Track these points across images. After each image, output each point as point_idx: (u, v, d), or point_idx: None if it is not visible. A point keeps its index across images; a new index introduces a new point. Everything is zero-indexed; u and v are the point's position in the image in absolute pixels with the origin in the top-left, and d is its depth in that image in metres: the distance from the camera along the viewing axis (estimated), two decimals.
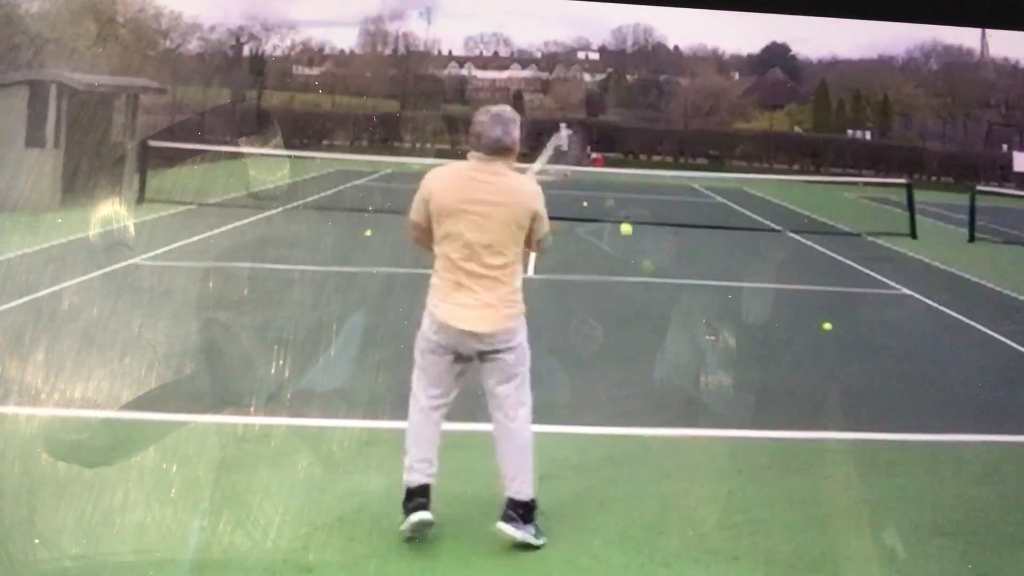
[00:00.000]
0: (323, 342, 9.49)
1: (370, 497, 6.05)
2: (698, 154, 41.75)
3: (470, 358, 5.52)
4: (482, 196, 5.44)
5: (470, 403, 5.78)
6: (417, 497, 5.50)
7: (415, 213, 5.65)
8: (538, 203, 5.50)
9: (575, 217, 19.37)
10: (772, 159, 41.76)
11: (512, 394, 5.51)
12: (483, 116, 5.57)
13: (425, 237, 5.65)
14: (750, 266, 16.62)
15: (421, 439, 5.57)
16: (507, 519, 5.44)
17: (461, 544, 5.53)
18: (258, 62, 41.25)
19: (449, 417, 5.67)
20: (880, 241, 20.76)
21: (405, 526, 5.44)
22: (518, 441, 5.50)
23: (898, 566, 5.65)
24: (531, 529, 5.47)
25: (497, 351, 5.46)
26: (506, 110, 5.65)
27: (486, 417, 5.65)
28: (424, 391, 5.62)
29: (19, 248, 13.19)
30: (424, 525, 5.45)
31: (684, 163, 40.74)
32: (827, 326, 10.59)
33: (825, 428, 7.98)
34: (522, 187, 5.52)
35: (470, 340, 5.44)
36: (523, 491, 5.47)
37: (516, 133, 5.57)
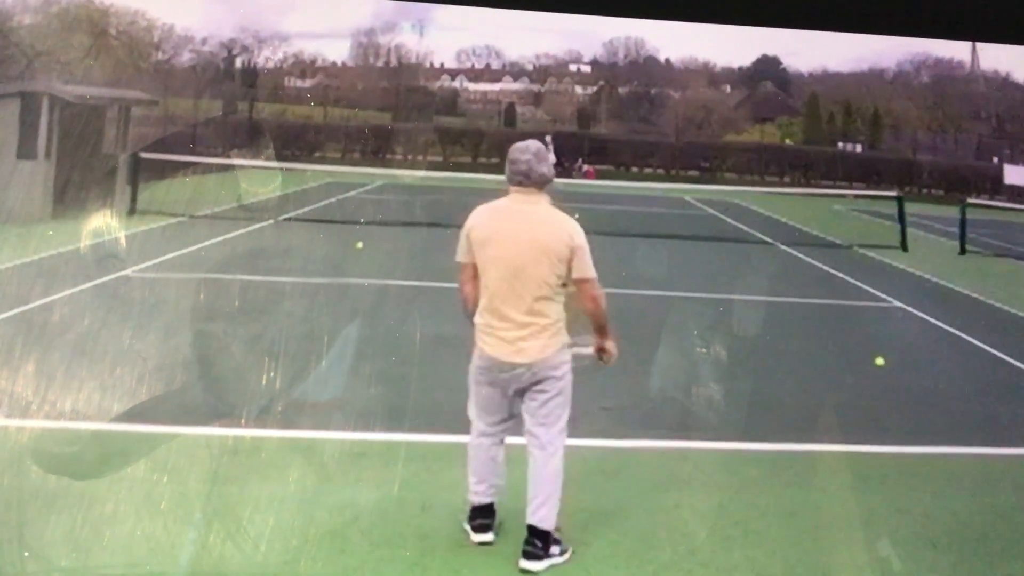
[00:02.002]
0: (314, 354, 9.48)
1: (362, 509, 6.05)
2: (689, 166, 41.78)
3: (514, 387, 5.59)
4: (520, 226, 5.55)
5: (461, 415, 5.77)
6: (479, 516, 5.73)
7: (461, 253, 5.71)
8: (579, 236, 5.56)
9: None
10: (763, 171, 41.82)
11: (551, 424, 5.58)
12: (519, 152, 5.66)
13: (472, 282, 5.70)
14: (741, 278, 16.64)
15: (477, 464, 5.73)
16: (529, 556, 5.52)
17: (454, 556, 5.53)
18: (250, 74, 41.25)
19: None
20: (871, 253, 20.78)
21: (474, 539, 5.70)
22: (550, 472, 5.57)
23: None
24: (555, 551, 5.57)
25: (538, 381, 5.54)
26: (536, 143, 5.74)
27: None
28: (478, 418, 5.73)
29: (9, 260, 13.16)
30: (487, 544, 5.68)
31: (675, 175, 40.75)
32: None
33: (817, 440, 7.99)
34: (561, 218, 5.61)
35: (514, 371, 5.52)
36: (546, 520, 5.54)
37: (550, 164, 5.69)
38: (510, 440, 5.76)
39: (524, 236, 5.49)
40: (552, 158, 5.79)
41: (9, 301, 10.76)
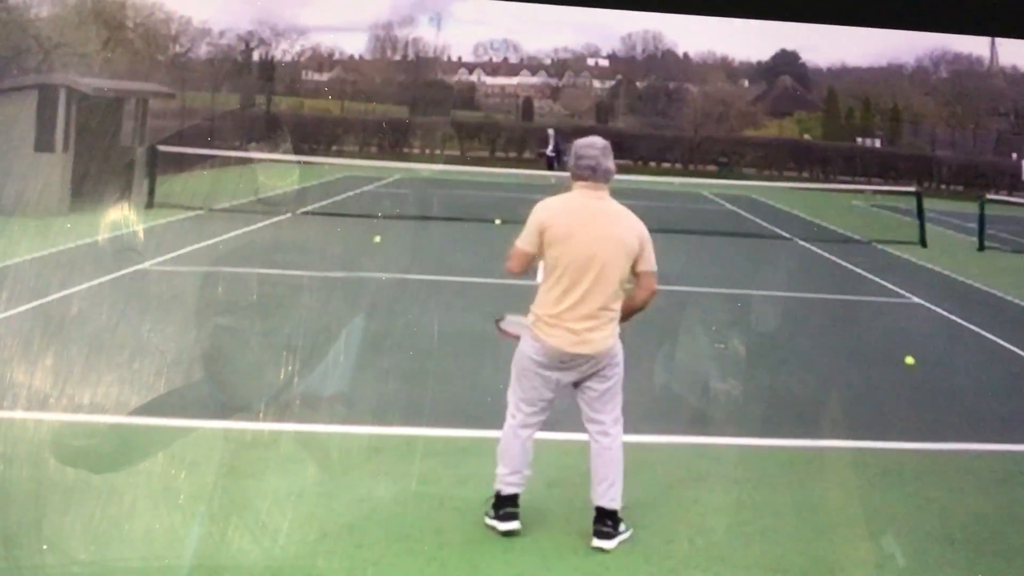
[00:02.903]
0: (332, 348, 9.48)
1: (379, 503, 6.06)
2: (707, 161, 41.64)
3: (572, 379, 5.71)
4: (595, 221, 5.67)
5: (479, 409, 5.77)
6: (506, 505, 5.77)
7: (527, 243, 5.75)
8: (645, 230, 5.74)
9: None
10: (781, 166, 41.64)
11: (611, 411, 5.74)
12: (587, 148, 5.79)
13: (527, 264, 5.83)
14: (759, 274, 16.61)
15: (509, 455, 5.78)
16: (600, 535, 5.68)
17: (472, 550, 5.53)
18: (267, 67, 41.27)
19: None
20: (889, 249, 20.71)
21: (501, 528, 5.74)
22: (614, 454, 5.73)
23: (906, 574, 5.63)
24: (622, 528, 5.72)
25: (599, 371, 5.67)
26: (601, 139, 5.90)
27: (491, 424, 5.71)
28: (518, 409, 5.80)
29: (28, 253, 13.20)
30: (513, 533, 5.72)
31: (693, 170, 40.62)
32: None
33: (834, 436, 7.97)
34: (628, 213, 5.80)
35: (577, 362, 5.63)
36: (615, 501, 5.69)
37: (612, 159, 5.84)
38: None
39: (602, 232, 5.63)
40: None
41: (28, 294, 10.78)
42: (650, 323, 11.02)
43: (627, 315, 5.77)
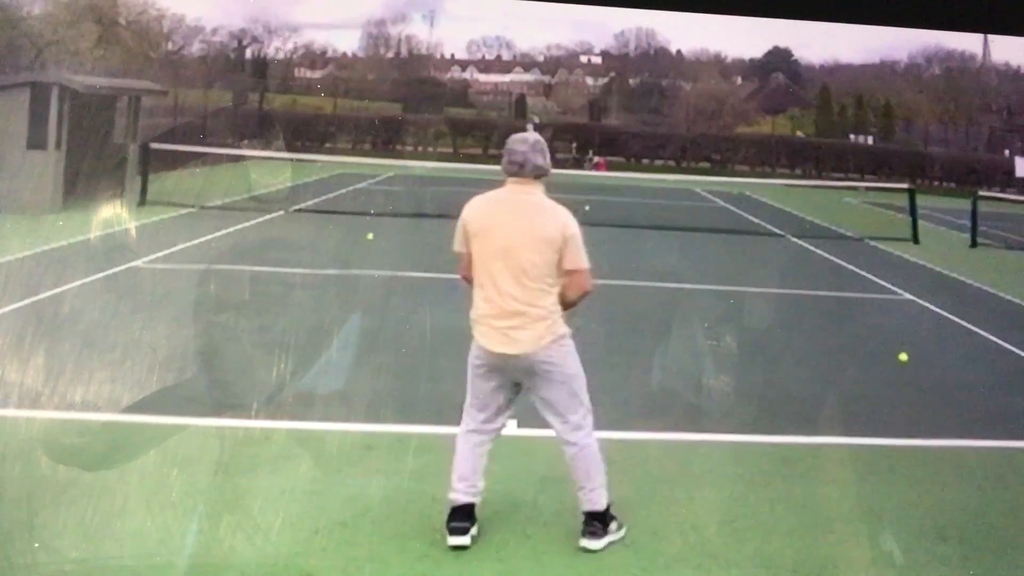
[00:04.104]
0: (325, 346, 9.48)
1: (371, 501, 6.05)
2: (700, 158, 41.69)
3: (516, 382, 5.61)
4: (514, 215, 5.56)
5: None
6: (457, 517, 5.59)
7: (456, 243, 5.68)
8: (572, 226, 5.54)
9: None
10: (774, 163, 41.70)
11: (561, 416, 5.59)
12: (516, 143, 5.68)
13: (469, 266, 5.66)
14: (752, 270, 16.61)
15: (461, 460, 5.65)
16: (588, 534, 5.60)
17: (462, 549, 5.52)
18: (260, 65, 41.25)
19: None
20: (882, 246, 20.74)
21: (448, 542, 5.54)
22: (585, 460, 5.59)
23: (899, 571, 5.64)
24: (613, 527, 5.66)
25: (535, 374, 5.52)
26: (534, 135, 5.81)
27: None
28: (468, 413, 5.70)
29: (20, 251, 13.19)
30: (461, 548, 5.53)
31: (686, 167, 40.66)
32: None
33: (827, 433, 7.98)
34: (554, 207, 5.61)
35: (508, 363, 5.52)
36: (597, 503, 5.60)
37: (546, 155, 5.71)
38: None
39: (518, 225, 5.50)
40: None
41: (20, 291, 10.77)
42: (642, 319, 11.03)
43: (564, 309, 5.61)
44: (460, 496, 5.59)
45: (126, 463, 6.47)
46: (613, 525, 5.66)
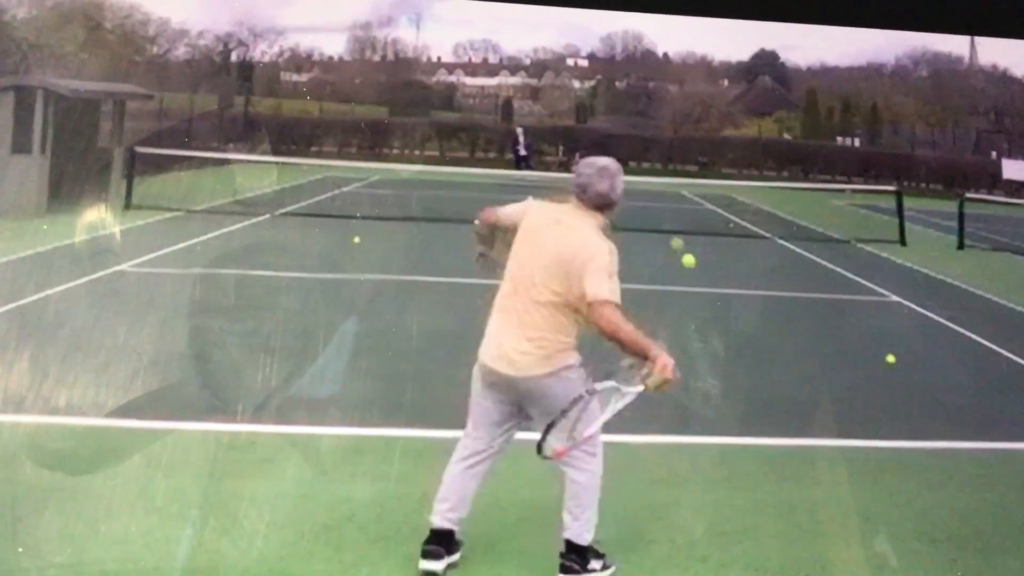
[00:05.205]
0: (310, 349, 9.46)
1: (358, 505, 6.04)
2: (687, 161, 41.66)
3: (516, 405, 5.34)
4: (551, 231, 5.27)
5: (458, 410, 5.73)
6: (433, 542, 5.37)
7: (506, 213, 5.54)
8: (600, 255, 5.13)
9: None
10: (761, 166, 41.69)
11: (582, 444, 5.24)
12: (584, 166, 5.39)
13: (490, 236, 5.55)
14: (739, 273, 16.61)
15: (448, 480, 5.41)
16: (566, 569, 5.36)
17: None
18: (246, 68, 41.14)
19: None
20: (869, 248, 20.75)
21: (420, 566, 5.35)
22: (580, 487, 5.33)
23: (888, 573, 5.64)
24: (596, 565, 5.39)
25: (532, 399, 5.27)
26: (605, 159, 5.43)
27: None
28: (466, 432, 5.45)
29: (3, 255, 13.14)
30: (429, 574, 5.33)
31: (673, 170, 40.62)
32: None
33: (815, 435, 7.98)
34: (591, 235, 5.24)
35: (500, 381, 5.28)
36: (578, 536, 5.35)
37: (616, 184, 5.39)
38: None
39: (546, 242, 5.23)
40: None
41: (4, 296, 10.73)
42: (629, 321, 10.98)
43: (630, 352, 5.17)
44: (436, 519, 5.38)
45: (111, 468, 6.45)
46: (597, 564, 5.39)
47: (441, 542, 5.36)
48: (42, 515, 5.57)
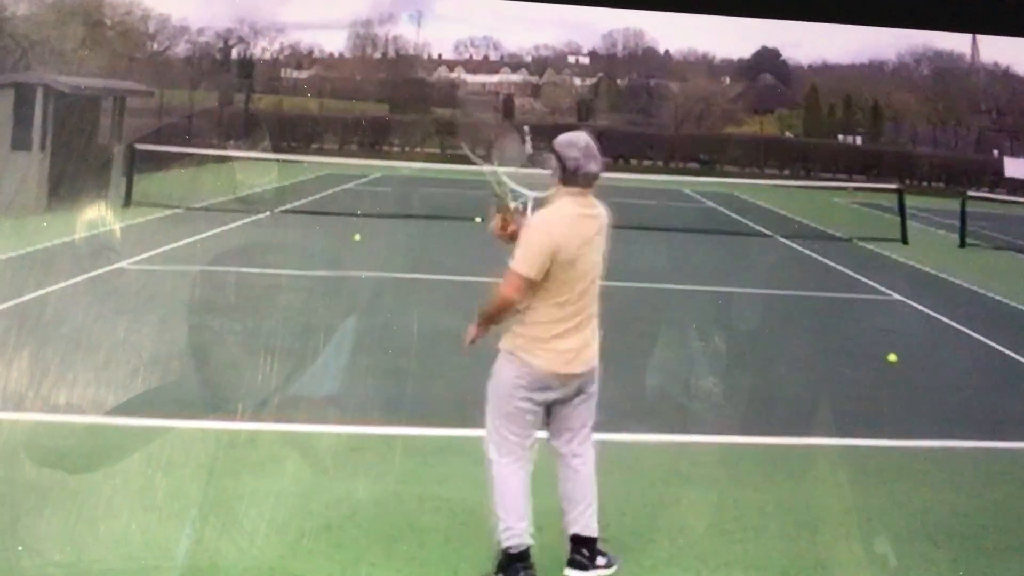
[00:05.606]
0: (311, 347, 9.45)
1: (358, 504, 6.02)
2: (688, 158, 41.66)
3: (554, 398, 5.19)
4: (592, 233, 5.16)
5: (458, 408, 5.72)
6: (517, 563, 5.13)
7: (535, 269, 5.04)
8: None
9: None
10: (763, 164, 41.71)
11: (585, 429, 5.27)
12: (574, 151, 5.18)
13: (530, 293, 5.12)
14: (740, 271, 16.61)
15: (513, 498, 5.14)
16: (576, 564, 5.27)
17: (452, 550, 5.49)
18: (246, 65, 41.13)
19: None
20: (871, 246, 20.75)
21: None
22: (588, 476, 5.27)
23: (889, 572, 5.62)
24: (601, 561, 5.32)
25: (585, 390, 5.22)
26: (587, 139, 5.26)
27: (471, 423, 5.61)
28: (505, 443, 5.15)
29: (4, 252, 13.13)
30: None
31: (674, 167, 40.63)
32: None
33: (816, 434, 7.96)
34: (605, 214, 5.29)
35: (571, 382, 5.17)
36: (589, 528, 5.26)
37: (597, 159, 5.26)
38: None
39: (595, 247, 5.15)
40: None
41: (4, 293, 10.71)
42: (629, 321, 10.99)
43: None
44: (525, 539, 5.12)
45: (111, 466, 6.43)
46: (602, 560, 5.31)
47: (527, 562, 5.15)
48: (41, 513, 5.56)
